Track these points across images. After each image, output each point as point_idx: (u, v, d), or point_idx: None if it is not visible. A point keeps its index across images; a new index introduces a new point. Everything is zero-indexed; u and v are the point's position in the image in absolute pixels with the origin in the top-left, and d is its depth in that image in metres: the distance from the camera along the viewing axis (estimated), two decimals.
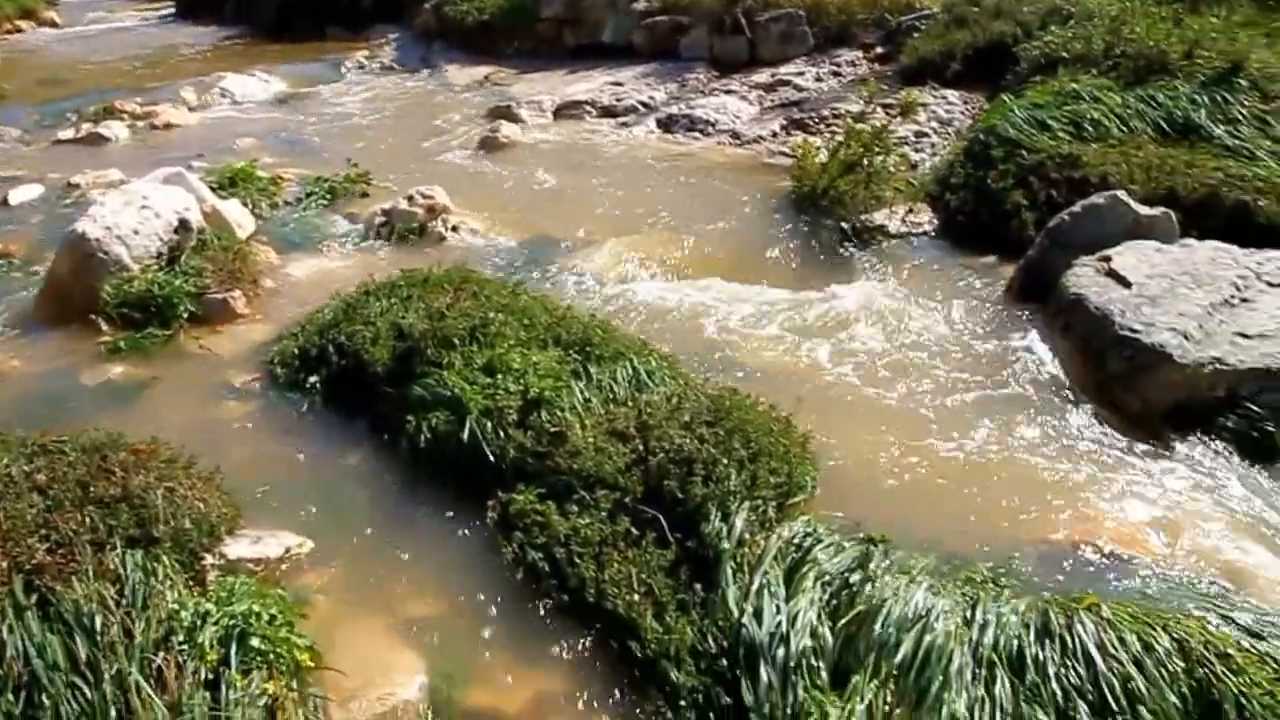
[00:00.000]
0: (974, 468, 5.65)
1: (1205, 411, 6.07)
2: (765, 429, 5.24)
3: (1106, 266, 6.91)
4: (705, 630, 4.42)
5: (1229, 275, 6.77)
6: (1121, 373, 6.24)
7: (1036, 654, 4.23)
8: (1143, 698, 4.03)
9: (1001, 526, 5.20)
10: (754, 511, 4.83)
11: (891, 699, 4.13)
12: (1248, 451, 5.90)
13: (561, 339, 5.97)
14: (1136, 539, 5.18)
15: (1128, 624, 4.30)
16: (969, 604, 4.46)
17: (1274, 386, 6.07)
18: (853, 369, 6.54)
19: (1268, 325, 6.35)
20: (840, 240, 8.38)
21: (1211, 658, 4.12)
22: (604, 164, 10.44)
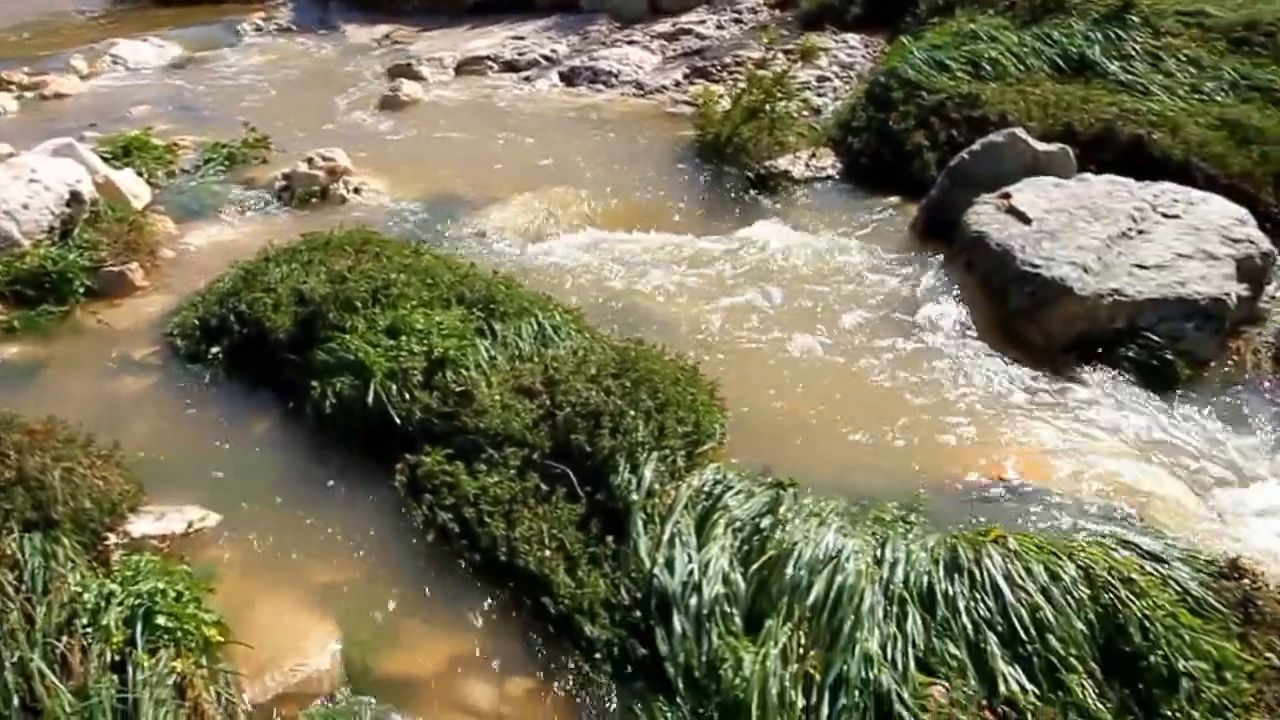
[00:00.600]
0: (881, 407, 5.69)
1: (1106, 342, 6.18)
2: (672, 379, 5.22)
3: (1006, 203, 6.97)
4: (618, 582, 4.42)
5: (1126, 208, 6.86)
6: (1024, 307, 6.32)
7: (946, 589, 4.28)
8: (1051, 626, 4.10)
9: (910, 464, 5.24)
10: (663, 462, 4.82)
11: (805, 640, 4.16)
12: (1148, 380, 6.02)
13: (465, 297, 5.90)
14: (1042, 470, 5.25)
15: (1034, 555, 4.37)
16: (879, 543, 4.50)
17: (1172, 316, 6.19)
18: (760, 314, 6.54)
19: (1164, 256, 6.45)
20: (745, 187, 8.35)
21: (1116, 583, 4.20)
22: (507, 119, 10.31)
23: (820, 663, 4.08)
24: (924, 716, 3.84)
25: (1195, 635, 4.07)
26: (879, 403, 5.74)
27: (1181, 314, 6.20)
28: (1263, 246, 6.65)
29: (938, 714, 3.85)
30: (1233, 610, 4.27)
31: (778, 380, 5.87)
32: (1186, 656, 3.99)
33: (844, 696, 3.97)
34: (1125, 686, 3.97)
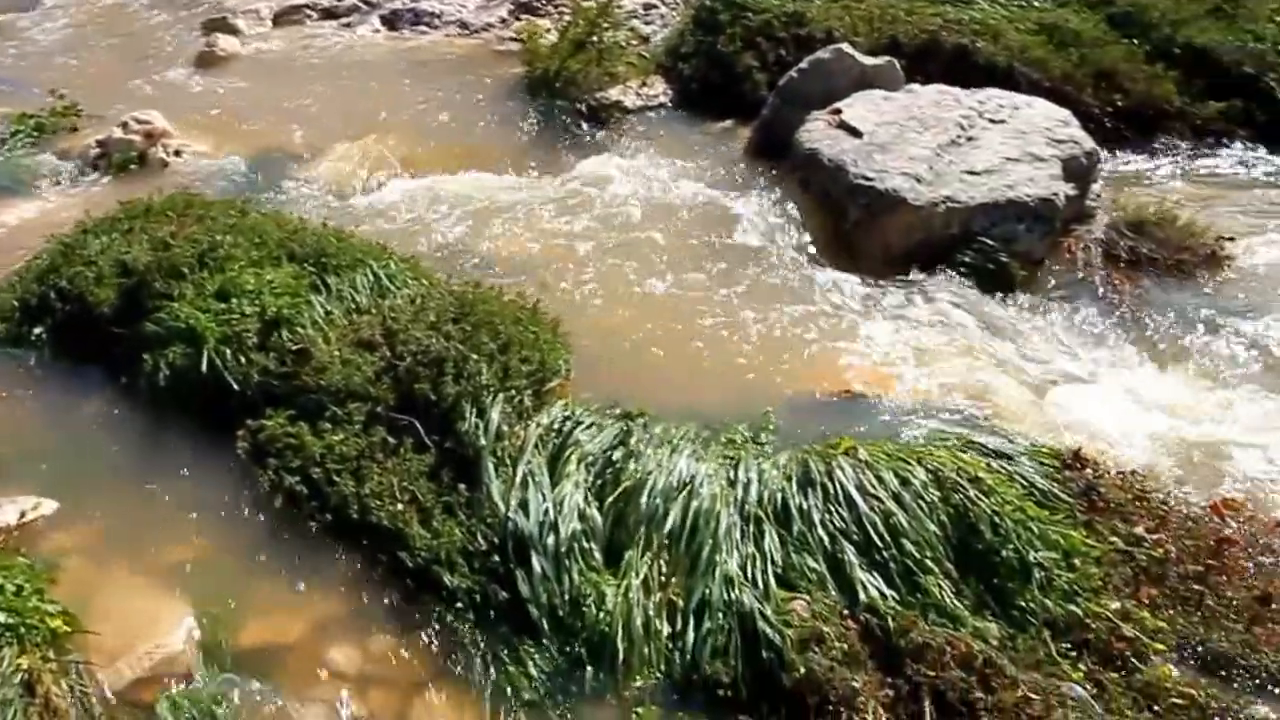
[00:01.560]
0: (726, 330, 5.69)
1: (943, 250, 6.27)
2: (513, 319, 5.13)
3: (837, 119, 7.00)
4: (474, 529, 4.35)
5: (954, 116, 6.94)
6: (860, 221, 6.38)
7: (801, 504, 4.31)
8: (905, 531, 4.16)
9: (758, 385, 5.26)
10: (510, 403, 4.75)
11: (666, 569, 4.16)
12: (985, 284, 6.13)
13: (296, 254, 5.70)
14: (887, 379, 5.33)
15: (884, 462, 4.42)
16: (732, 465, 4.51)
17: (1004, 219, 6.31)
18: (599, 246, 6.46)
19: (994, 161, 6.56)
20: (577, 120, 8.22)
21: (964, 484, 4.28)
22: (331, 68, 9.97)
23: (682, 589, 4.10)
24: (788, 632, 3.86)
25: (1044, 527, 4.19)
26: (723, 326, 5.74)
27: (1013, 216, 6.32)
28: (1086, 146, 6.81)
29: (801, 628, 3.87)
30: (1077, 499, 4.41)
31: (621, 312, 5.83)
32: (1036, 548, 4.10)
33: (708, 620, 3.99)
34: (980, 582, 4.07)
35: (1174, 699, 3.71)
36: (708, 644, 3.93)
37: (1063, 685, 3.69)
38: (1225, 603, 4.03)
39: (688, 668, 3.91)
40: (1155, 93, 7.88)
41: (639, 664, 3.93)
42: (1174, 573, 4.12)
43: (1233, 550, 4.21)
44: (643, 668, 3.93)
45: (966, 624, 3.91)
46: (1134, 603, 3.99)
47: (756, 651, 3.88)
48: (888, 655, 3.82)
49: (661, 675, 3.92)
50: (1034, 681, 3.66)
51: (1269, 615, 4.00)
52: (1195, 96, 7.93)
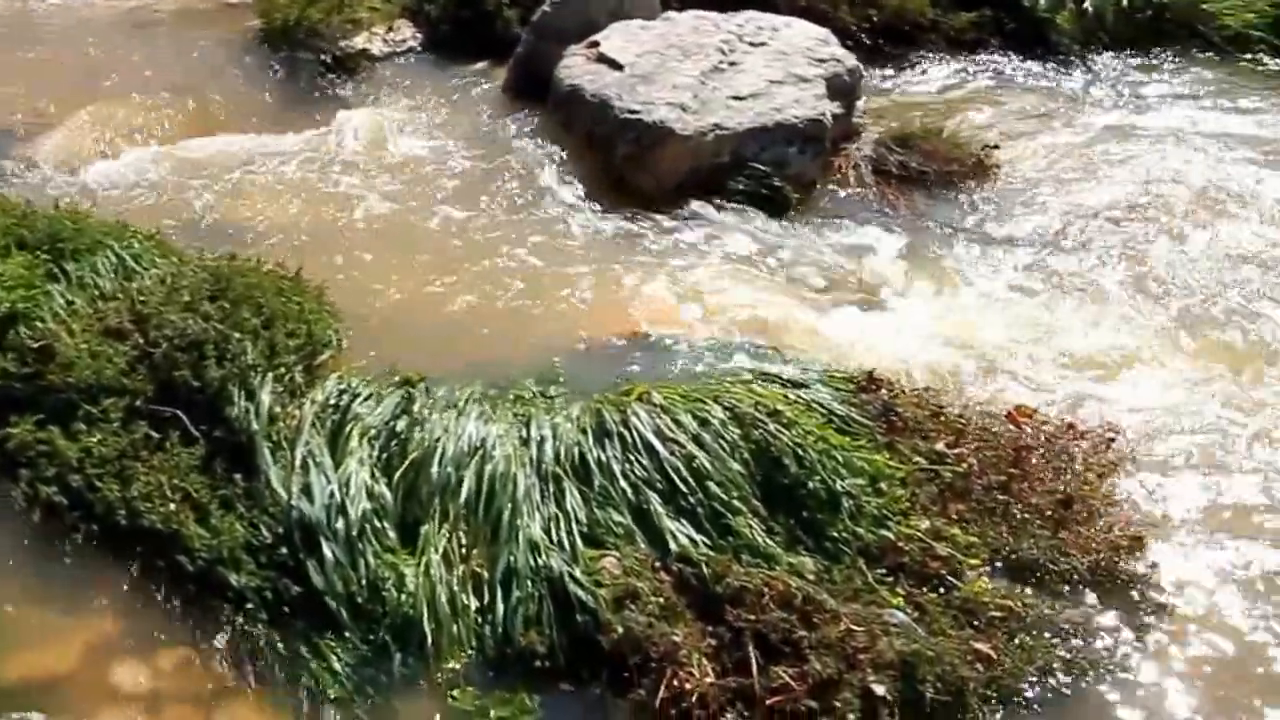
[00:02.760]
0: (502, 282, 5.43)
1: (717, 178, 6.16)
2: (275, 291, 4.75)
3: (596, 52, 6.78)
4: (257, 522, 3.99)
5: (714, 42, 6.81)
6: (629, 155, 6.20)
7: (599, 457, 4.12)
8: (709, 473, 4.03)
9: (542, 336, 5.04)
10: (280, 382, 4.39)
11: (466, 540, 3.93)
12: (761, 209, 6.06)
13: (26, 241, 5.14)
14: (675, 318, 5.20)
15: (680, 404, 4.27)
16: (523, 423, 4.28)
17: (774, 142, 6.24)
18: (360, 204, 6.08)
19: (758, 85, 6.47)
20: (323, 73, 7.69)
21: (764, 418, 4.17)
22: (47, 33, 9.13)
23: (486, 559, 3.87)
24: (601, 592, 3.70)
25: (847, 454, 4.11)
26: (500, 278, 5.47)
27: (783, 139, 6.25)
28: (848, 63, 6.80)
29: (614, 586, 3.72)
30: (876, 422, 4.35)
31: (390, 273, 5.48)
32: (843, 476, 4.02)
33: (517, 589, 3.77)
34: (790, 518, 3.97)
35: (993, 612, 3.70)
36: (519, 614, 3.71)
37: (884, 612, 3.63)
38: (1031, 510, 4.04)
39: (500, 641, 3.68)
40: (909, 6, 7.92)
41: (449, 644, 3.69)
42: (978, 486, 4.11)
43: (1031, 457, 4.23)
44: (453, 647, 3.69)
45: (781, 562, 3.79)
46: (943, 520, 3.97)
47: (571, 616, 3.69)
48: (706, 603, 3.68)
49: (474, 653, 3.69)
50: (855, 612, 3.58)
51: (1073, 518, 4.03)
52: (947, 8, 8.03)
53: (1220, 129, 7.16)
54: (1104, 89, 7.65)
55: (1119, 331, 5.28)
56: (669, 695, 3.44)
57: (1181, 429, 4.69)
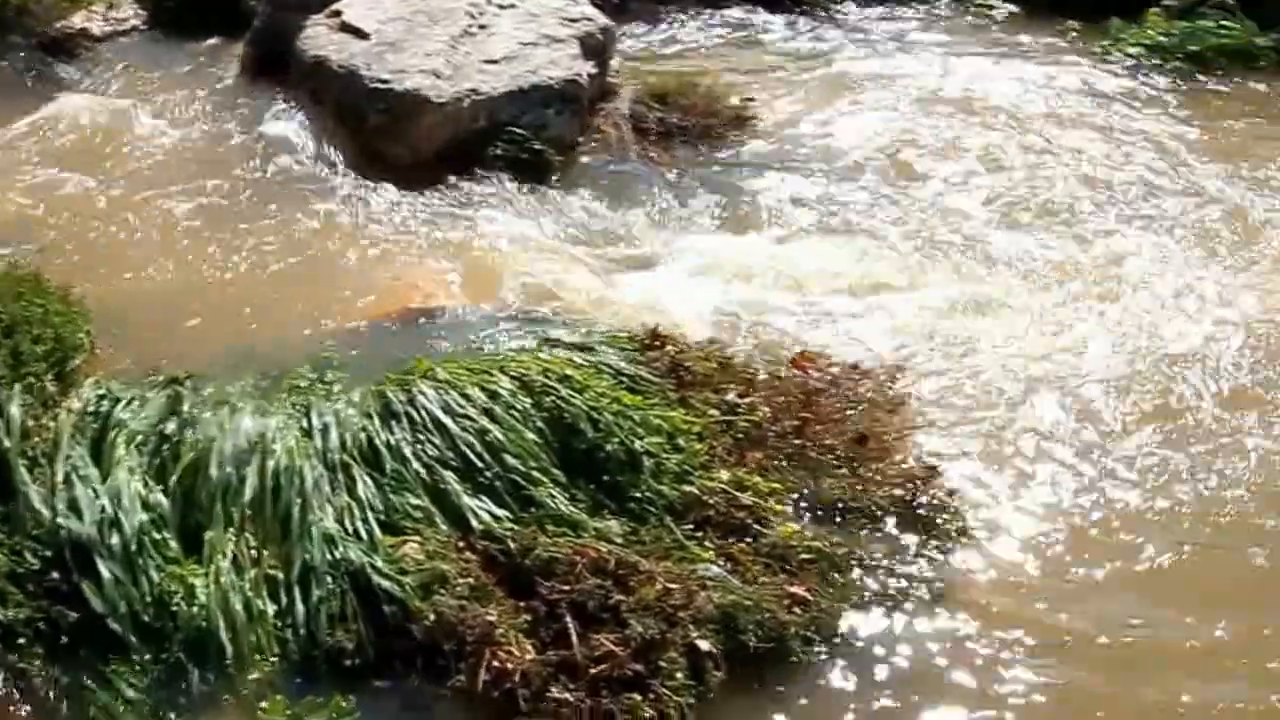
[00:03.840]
0: (264, 267, 5.17)
1: (476, 146, 6.01)
2: (12, 295, 4.38)
3: (339, 21, 6.51)
4: (20, 548, 3.66)
5: (462, 5, 6.64)
6: (384, 126, 6.01)
7: (388, 440, 3.94)
8: (503, 446, 3.90)
9: (312, 320, 4.81)
10: (30, 392, 4.03)
11: (256, 541, 3.70)
12: (525, 174, 5.95)
13: None
14: (449, 290, 5.05)
15: (467, 379, 4.13)
16: (303, 413, 4.07)
17: (531, 105, 6.14)
18: (99, 195, 5.65)
19: (511, 47, 6.36)
20: (41, 56, 7.17)
21: (554, 384, 4.07)
22: None
23: (280, 559, 3.65)
24: (405, 580, 3.54)
25: (642, 413, 4.06)
26: (261, 263, 5.20)
27: (540, 102, 6.15)
28: (600, 22, 6.74)
29: (419, 572, 3.57)
30: (666, 379, 4.32)
31: (141, 266, 5.14)
32: (640, 435, 3.96)
33: (316, 586, 3.56)
34: (592, 482, 3.89)
35: (803, 554, 3.72)
36: (322, 613, 3.50)
37: (698, 567, 3.60)
38: (827, 451, 4.08)
39: (306, 644, 3.47)
40: None
41: (250, 653, 3.46)
42: (772, 433, 4.13)
43: (821, 400, 4.29)
44: (255, 656, 3.46)
45: (588, 528, 3.71)
46: (743, 470, 3.96)
47: (378, 608, 3.50)
48: (517, 579, 3.56)
49: (279, 659, 3.46)
50: (669, 571, 3.53)
51: (869, 455, 4.11)
52: None
53: (965, 74, 7.43)
54: (851, 39, 7.81)
55: (886, 268, 5.43)
56: (490, 677, 3.32)
57: (959, 359, 4.84)
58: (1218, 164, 6.47)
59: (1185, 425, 4.58)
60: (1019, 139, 6.66)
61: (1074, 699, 3.51)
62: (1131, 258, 5.61)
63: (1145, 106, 7.14)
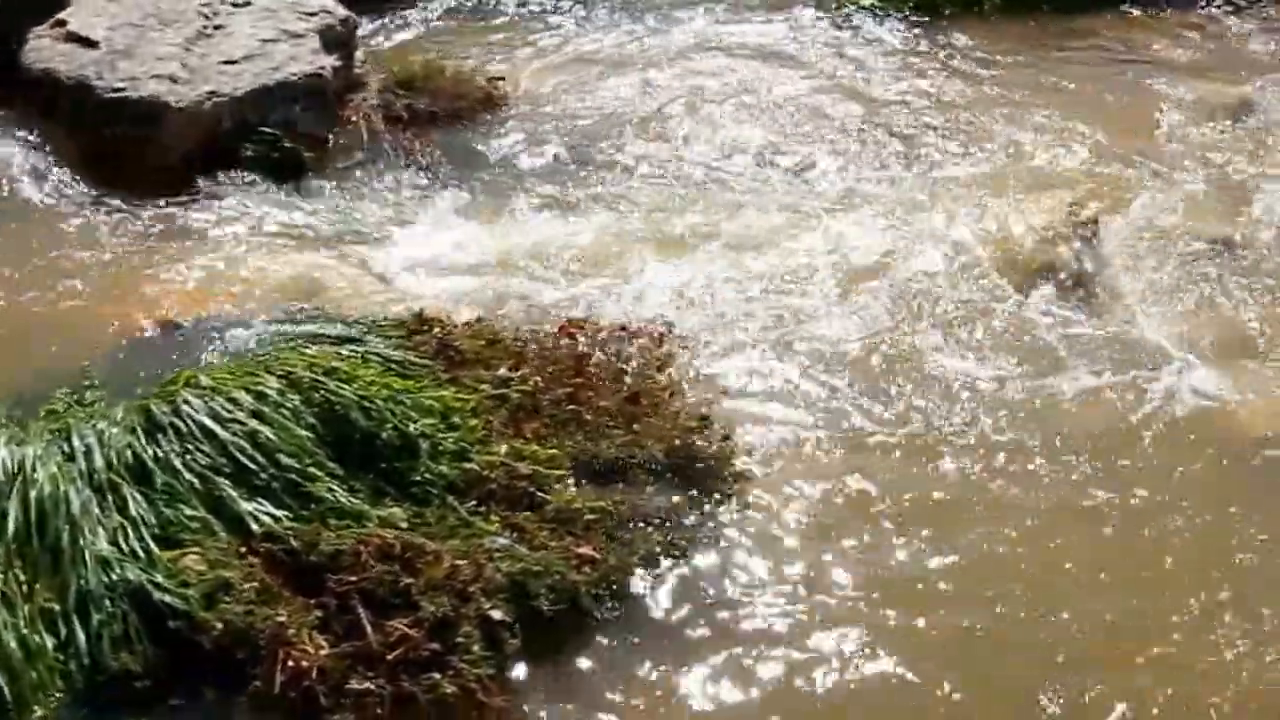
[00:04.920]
0: (7, 292, 4.98)
1: (225, 149, 5.85)
2: None
3: (64, 31, 6.20)
4: None
5: (194, 6, 6.40)
6: (124, 137, 5.77)
7: (155, 454, 3.84)
8: (276, 446, 3.85)
9: (66, 340, 4.64)
10: None
11: (25, 575, 3.55)
12: (279, 173, 5.84)
13: None
14: (208, 298, 4.94)
15: (233, 383, 4.05)
16: (63, 437, 3.93)
17: (278, 103, 6.02)
18: None
19: (251, 46, 6.19)
20: None
21: (321, 378, 4.03)
22: None
23: (54, 590, 3.52)
24: (189, 593, 3.47)
25: (414, 396, 4.07)
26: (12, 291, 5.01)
27: (285, 99, 6.02)
28: (339, 13, 6.62)
29: (202, 583, 3.49)
30: (436, 360, 4.34)
31: None
32: (414, 419, 3.97)
33: (96, 612, 3.45)
34: (370, 471, 3.88)
35: (588, 516, 3.80)
36: (104, 638, 3.41)
37: (485, 541, 3.64)
38: (601, 413, 4.16)
39: (90, 674, 3.37)
40: None
41: (32, 693, 3.33)
42: (547, 401, 4.19)
43: (592, 364, 4.37)
44: (37, 694, 3.34)
45: (371, 518, 3.70)
46: (521, 441, 4.01)
47: (163, 625, 3.42)
48: (304, 577, 3.54)
49: (64, 694, 3.35)
50: (456, 548, 3.57)
51: (642, 412, 4.21)
52: None
53: (710, 38, 7.60)
54: (598, 10, 7.86)
55: (641, 230, 5.57)
56: (287, 678, 3.30)
57: (719, 312, 5.02)
58: (945, 104, 6.90)
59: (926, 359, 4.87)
60: (766, 96, 6.88)
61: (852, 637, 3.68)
62: (871, 201, 5.92)
63: (882, 55, 7.46)
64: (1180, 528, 4.11)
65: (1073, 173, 6.36)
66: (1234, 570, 3.97)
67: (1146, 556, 4.01)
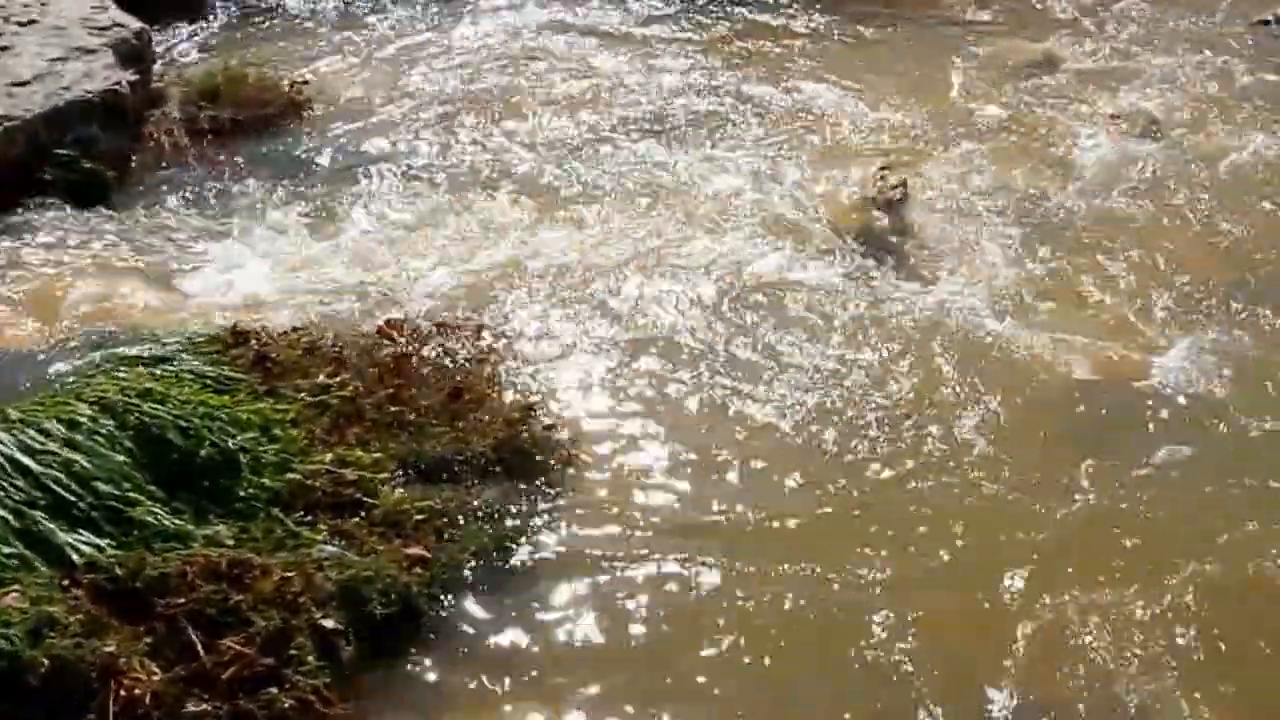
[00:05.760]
0: None
1: (19, 174, 5.66)
2: None
3: None
4: None
5: None
6: None
7: None
8: (92, 473, 3.77)
9: None
10: None
11: None
12: (81, 196, 5.70)
13: None
14: (14, 328, 4.79)
15: (43, 413, 3.95)
16: None
17: (75, 124, 5.87)
18: None
19: (40, 66, 6.02)
20: None
21: (135, 400, 3.95)
22: None
23: None
24: (11, 631, 3.35)
25: (232, 411, 4.03)
26: None
27: (82, 118, 5.88)
28: (133, 27, 6.51)
29: (24, 621, 3.41)
30: (252, 374, 4.29)
31: None
32: (232, 434, 3.93)
33: None
34: (192, 491, 3.82)
35: (417, 516, 3.82)
36: None
37: (313, 551, 3.63)
38: (425, 412, 4.18)
39: None
40: None
41: None
42: (368, 404, 4.18)
43: (412, 363, 4.38)
44: None
45: (195, 538, 3.65)
46: (344, 447, 4.00)
47: None
48: (132, 604, 3.47)
49: None
50: (285, 560, 3.55)
51: (465, 408, 4.23)
52: None
53: (524, 30, 7.69)
54: (400, 12, 7.85)
55: (455, 224, 5.62)
56: (120, 708, 3.24)
57: (539, 300, 5.09)
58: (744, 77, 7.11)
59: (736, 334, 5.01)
60: (562, 87, 7.03)
61: (691, 608, 3.79)
62: (676, 181, 6.08)
63: (677, 32, 7.62)
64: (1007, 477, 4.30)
65: (880, 137, 6.58)
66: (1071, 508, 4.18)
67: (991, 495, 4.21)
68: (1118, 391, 4.73)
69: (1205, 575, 3.84)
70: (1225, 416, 4.58)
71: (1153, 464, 4.34)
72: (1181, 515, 4.13)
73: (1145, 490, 4.20)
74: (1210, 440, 4.48)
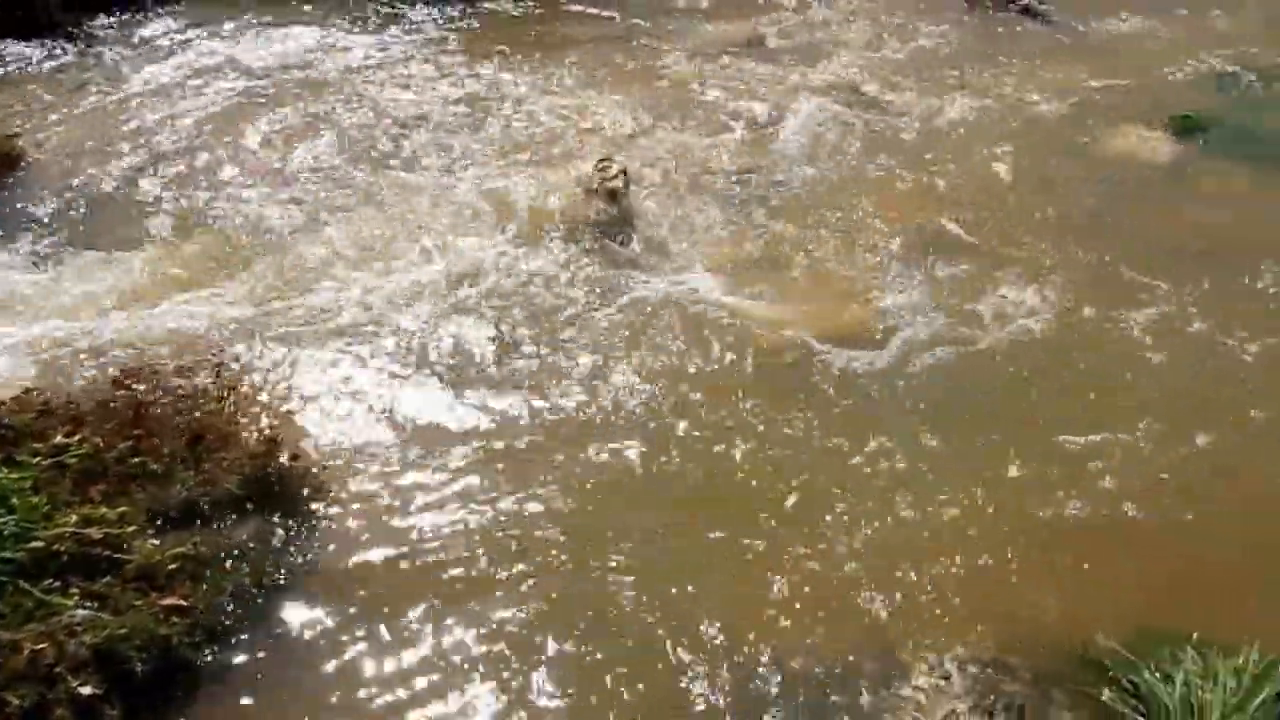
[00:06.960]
0: None
1: None
2: None
3: None
4: None
5: None
6: None
7: None
8: None
9: None
10: None
11: None
12: None
13: None
14: None
15: None
16: None
17: None
18: None
19: None
20: None
21: None
22: None
23: None
24: None
25: None
26: None
27: None
28: None
29: None
30: None
31: None
32: None
33: None
34: None
35: (170, 565, 3.75)
36: None
37: (64, 618, 3.51)
38: (168, 459, 4.10)
39: None
40: None
41: None
42: (110, 459, 4.07)
43: (152, 411, 4.27)
44: None
45: None
46: (89, 506, 3.87)
47: None
48: None
49: None
50: (34, 633, 3.44)
51: (209, 448, 4.17)
52: None
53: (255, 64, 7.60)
54: (124, 57, 7.59)
55: (195, 264, 5.52)
56: None
57: (274, 332, 5.06)
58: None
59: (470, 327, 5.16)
60: (314, 107, 7.03)
61: (451, 626, 3.89)
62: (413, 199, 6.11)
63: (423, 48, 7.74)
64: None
65: (601, 131, 6.72)
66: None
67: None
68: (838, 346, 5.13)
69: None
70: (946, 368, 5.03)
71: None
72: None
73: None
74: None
